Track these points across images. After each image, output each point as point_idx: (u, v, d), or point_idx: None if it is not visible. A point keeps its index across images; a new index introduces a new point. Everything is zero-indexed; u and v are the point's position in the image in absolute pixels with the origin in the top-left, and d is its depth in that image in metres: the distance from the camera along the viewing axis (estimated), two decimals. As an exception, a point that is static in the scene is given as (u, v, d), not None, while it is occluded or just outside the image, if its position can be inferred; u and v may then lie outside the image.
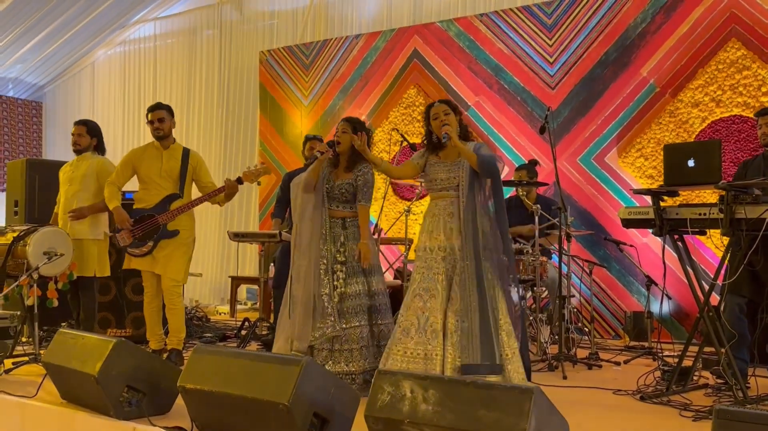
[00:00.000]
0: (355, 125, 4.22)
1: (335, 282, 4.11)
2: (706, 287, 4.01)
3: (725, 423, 2.03)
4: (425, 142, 4.05)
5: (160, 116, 4.94)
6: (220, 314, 8.30)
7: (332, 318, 4.03)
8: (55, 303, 4.86)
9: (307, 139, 5.76)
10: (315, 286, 4.11)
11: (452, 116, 3.87)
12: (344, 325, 4.03)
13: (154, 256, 4.84)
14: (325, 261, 4.13)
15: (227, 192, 4.88)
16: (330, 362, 4.00)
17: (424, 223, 3.94)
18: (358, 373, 3.99)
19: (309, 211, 4.19)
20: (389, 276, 6.61)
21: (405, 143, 6.08)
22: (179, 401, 3.38)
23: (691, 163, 3.86)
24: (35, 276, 4.64)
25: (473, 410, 2.43)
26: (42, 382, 3.86)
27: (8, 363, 4.60)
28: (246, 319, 6.24)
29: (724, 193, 3.65)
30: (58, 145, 11.69)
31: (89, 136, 5.36)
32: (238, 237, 5.97)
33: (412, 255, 5.77)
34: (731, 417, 2.04)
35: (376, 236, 5.66)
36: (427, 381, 2.58)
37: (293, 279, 4.19)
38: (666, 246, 4.02)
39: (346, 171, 4.23)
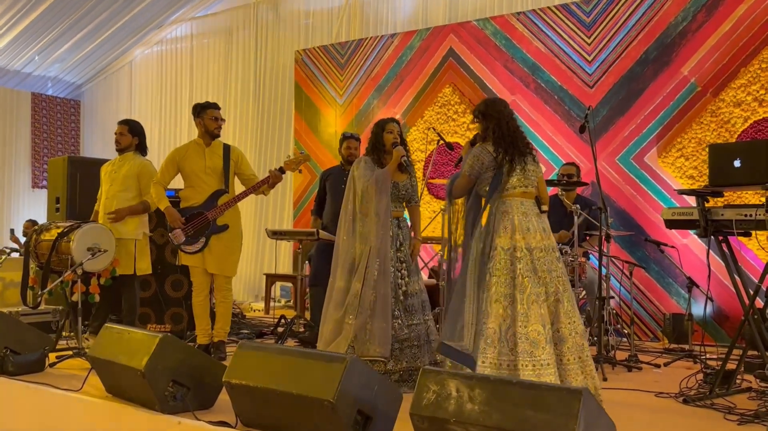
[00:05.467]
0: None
1: (399, 281, 4.14)
2: (752, 289, 3.95)
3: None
4: None
5: (223, 117, 5.17)
6: (254, 311, 8.37)
7: (399, 321, 4.06)
8: (97, 298, 4.94)
9: (344, 137, 5.77)
10: (389, 287, 4.06)
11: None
12: (408, 323, 4.08)
13: (206, 253, 4.96)
14: (392, 262, 4.13)
15: (271, 182, 5.00)
16: (391, 361, 3.99)
17: None
18: (415, 370, 3.98)
19: (382, 213, 4.11)
20: (424, 276, 6.60)
21: (441, 142, 6.06)
22: (222, 396, 3.42)
23: (737, 163, 3.81)
24: (79, 272, 4.73)
25: (520, 410, 2.42)
26: (87, 376, 3.93)
27: (52, 357, 4.69)
28: (282, 316, 6.28)
29: (771, 194, 3.59)
30: (96, 143, 11.88)
31: (130, 135, 5.45)
32: (277, 235, 6.01)
33: (447, 255, 5.76)
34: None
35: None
36: (473, 380, 2.58)
37: (365, 284, 4.02)
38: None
39: (401, 171, 4.29)
